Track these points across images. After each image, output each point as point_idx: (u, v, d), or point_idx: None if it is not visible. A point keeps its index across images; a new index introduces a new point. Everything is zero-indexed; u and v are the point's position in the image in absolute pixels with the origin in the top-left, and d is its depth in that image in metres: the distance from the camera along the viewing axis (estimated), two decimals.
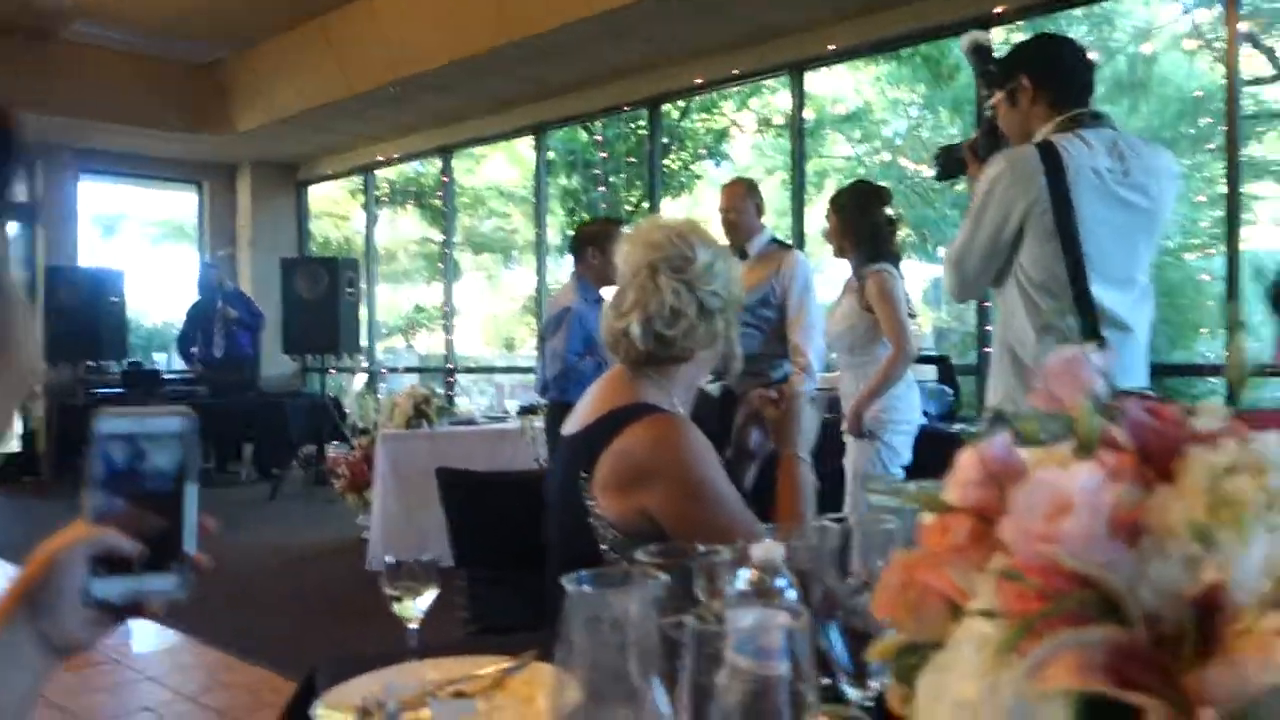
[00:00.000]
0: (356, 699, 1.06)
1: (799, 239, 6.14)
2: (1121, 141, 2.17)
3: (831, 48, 5.66)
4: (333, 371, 8.99)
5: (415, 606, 1.19)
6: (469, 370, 8.83)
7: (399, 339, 12.10)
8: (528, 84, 6.91)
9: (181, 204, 10.59)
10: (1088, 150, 2.14)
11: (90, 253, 9.54)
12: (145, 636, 3.85)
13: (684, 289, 1.49)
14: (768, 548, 0.91)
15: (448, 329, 8.81)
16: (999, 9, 5.06)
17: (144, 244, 11.67)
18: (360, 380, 9.20)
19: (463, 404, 5.21)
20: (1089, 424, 0.61)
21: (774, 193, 7.48)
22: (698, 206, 9.88)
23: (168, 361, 9.87)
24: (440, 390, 7.35)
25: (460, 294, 10.12)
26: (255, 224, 9.81)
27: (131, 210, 11.26)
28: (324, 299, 7.37)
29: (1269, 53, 6.22)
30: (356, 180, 9.92)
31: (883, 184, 3.76)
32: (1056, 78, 2.20)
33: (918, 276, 8.36)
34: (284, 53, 7.60)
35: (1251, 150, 7.75)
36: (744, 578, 0.92)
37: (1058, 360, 0.70)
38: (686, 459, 1.43)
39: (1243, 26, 5.38)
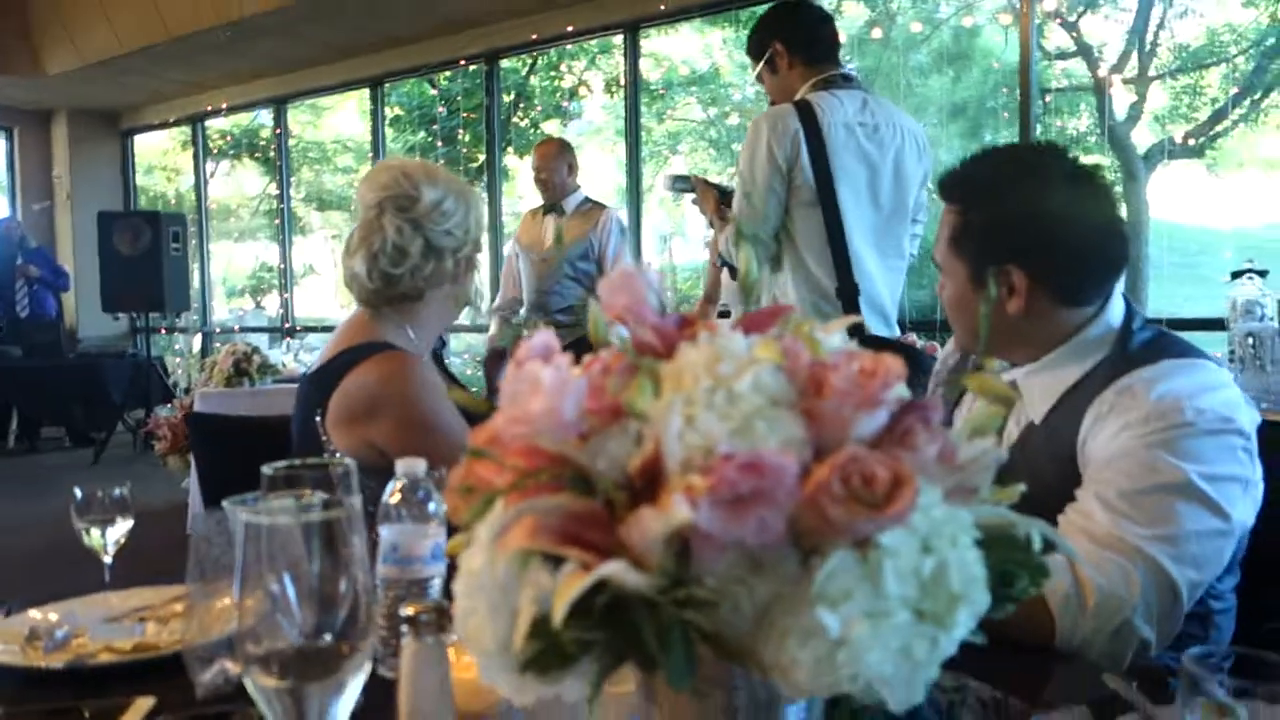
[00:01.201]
0: (27, 627, 1.06)
1: (635, 199, 6.22)
2: (871, 101, 2.31)
3: (662, 7, 5.72)
4: (163, 331, 8.58)
5: (106, 538, 1.19)
6: (310, 330, 8.59)
7: (248, 300, 11.62)
8: (362, 34, 6.69)
9: None
10: (840, 107, 2.27)
11: None
12: None
13: (408, 227, 1.52)
14: (410, 463, 0.97)
15: (284, 288, 8.54)
16: None
17: None
18: (198, 340, 8.82)
19: (288, 361, 5.10)
20: (599, 327, 0.69)
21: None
22: None
23: None
24: (279, 351, 7.13)
25: (311, 253, 9.76)
26: (74, 175, 9.19)
27: None
28: (146, 255, 7.03)
29: (1071, 28, 6.64)
30: (187, 131, 9.41)
31: None
32: (804, 37, 2.32)
33: None
34: None
35: (1071, 123, 8.27)
36: (390, 490, 0.98)
37: (617, 275, 0.77)
38: (412, 393, 1.47)
39: (1048, 4, 5.73)
